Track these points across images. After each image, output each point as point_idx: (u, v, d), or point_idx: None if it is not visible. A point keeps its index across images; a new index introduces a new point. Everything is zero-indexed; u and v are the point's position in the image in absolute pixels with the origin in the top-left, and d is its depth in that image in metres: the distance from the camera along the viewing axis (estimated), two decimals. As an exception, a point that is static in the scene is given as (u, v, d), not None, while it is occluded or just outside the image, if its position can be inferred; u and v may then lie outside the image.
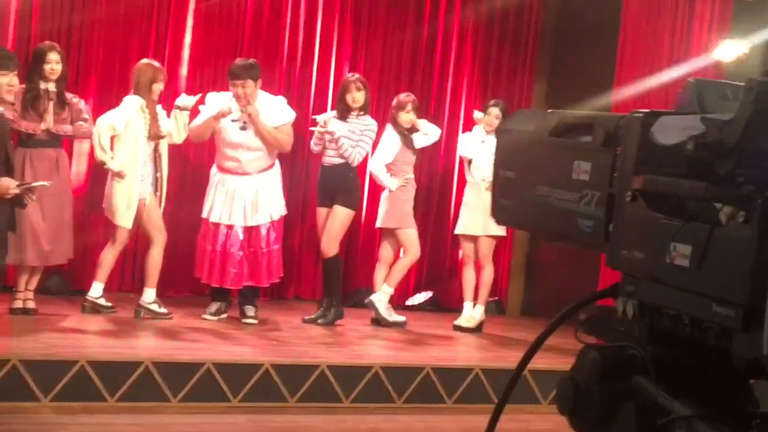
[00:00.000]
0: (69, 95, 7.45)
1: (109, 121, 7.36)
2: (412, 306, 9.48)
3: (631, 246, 1.78)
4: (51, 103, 7.27)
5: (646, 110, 1.88)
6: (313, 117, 8.28)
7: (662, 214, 1.72)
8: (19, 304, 7.23)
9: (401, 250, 8.44)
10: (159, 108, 7.57)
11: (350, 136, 7.97)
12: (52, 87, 7.31)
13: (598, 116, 1.97)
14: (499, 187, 2.16)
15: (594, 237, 1.90)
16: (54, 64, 7.29)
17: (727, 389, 1.76)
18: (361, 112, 8.08)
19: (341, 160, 7.98)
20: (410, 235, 8.33)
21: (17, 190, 5.20)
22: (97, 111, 7.71)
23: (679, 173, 1.70)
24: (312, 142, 8.17)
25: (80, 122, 7.42)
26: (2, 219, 4.96)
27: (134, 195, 7.39)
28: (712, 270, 1.64)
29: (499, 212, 2.17)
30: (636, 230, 1.77)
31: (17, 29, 8.10)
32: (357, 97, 8.04)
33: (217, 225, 7.69)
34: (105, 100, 8.05)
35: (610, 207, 1.86)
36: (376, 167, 8.33)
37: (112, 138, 7.36)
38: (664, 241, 1.70)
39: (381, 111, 9.00)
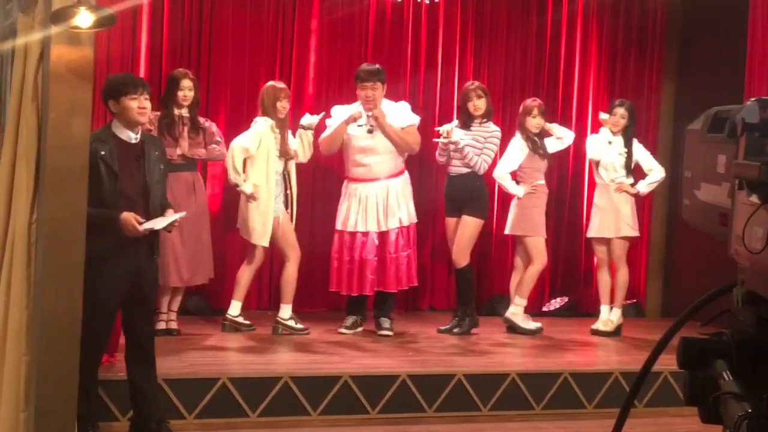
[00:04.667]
0: (201, 119, 7.65)
1: (242, 143, 7.53)
2: (548, 312, 9.38)
3: (738, 233, 1.75)
4: (185, 129, 7.47)
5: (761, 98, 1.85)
6: (436, 129, 8.28)
7: (753, 198, 1.69)
8: (162, 325, 7.41)
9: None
10: (285, 127, 7.72)
11: (474, 144, 7.95)
12: (185, 113, 7.49)
13: (732, 108, 1.96)
14: (682, 187, 2.17)
15: (726, 229, 1.88)
16: (187, 90, 7.48)
17: None
18: (484, 120, 8.06)
19: (467, 170, 7.97)
20: (537, 243, 8.22)
21: (145, 233, 5.34)
22: (228, 134, 7.90)
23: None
24: (437, 153, 8.17)
25: (213, 145, 7.61)
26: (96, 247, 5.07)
27: (269, 214, 7.53)
28: None
29: (683, 212, 2.18)
30: (739, 217, 1.75)
31: (149, 56, 8.36)
32: (478, 104, 8.01)
33: (353, 234, 7.76)
34: (235, 123, 8.23)
35: (733, 197, 1.85)
36: (500, 175, 8.26)
37: (245, 160, 7.54)
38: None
39: (507, 119, 8.96)
